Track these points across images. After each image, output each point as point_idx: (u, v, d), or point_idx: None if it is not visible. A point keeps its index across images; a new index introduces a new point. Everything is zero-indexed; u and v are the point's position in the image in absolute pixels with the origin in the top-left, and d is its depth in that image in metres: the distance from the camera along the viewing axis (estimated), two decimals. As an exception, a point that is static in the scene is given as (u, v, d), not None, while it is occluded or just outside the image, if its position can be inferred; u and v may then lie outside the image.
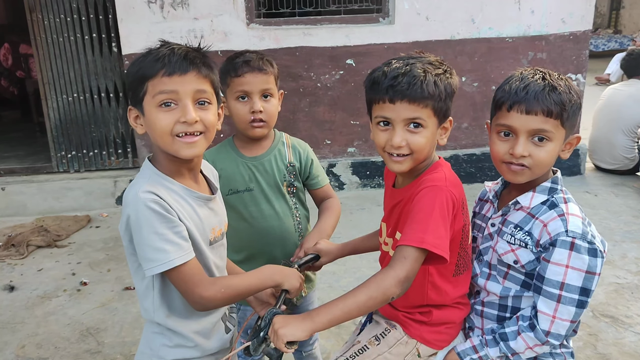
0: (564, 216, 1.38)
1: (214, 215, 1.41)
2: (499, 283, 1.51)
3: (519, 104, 1.37)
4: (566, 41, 5.02)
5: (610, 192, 4.80)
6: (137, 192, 1.22)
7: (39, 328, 2.98)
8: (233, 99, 1.73)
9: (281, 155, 1.86)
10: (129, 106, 1.32)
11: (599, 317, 2.89)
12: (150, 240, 1.21)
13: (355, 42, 4.77)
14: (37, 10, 4.54)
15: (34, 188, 4.71)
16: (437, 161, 1.45)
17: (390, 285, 1.22)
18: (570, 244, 1.34)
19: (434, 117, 1.35)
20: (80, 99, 4.79)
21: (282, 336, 1.19)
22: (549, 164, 1.42)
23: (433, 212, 1.28)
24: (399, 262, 1.25)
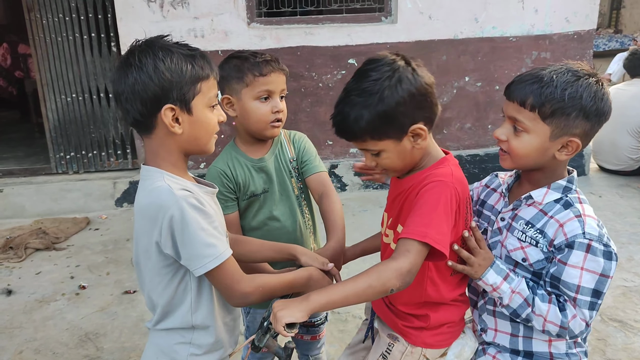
0: (582, 217, 1.35)
1: (220, 213, 1.43)
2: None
3: (507, 89, 1.41)
4: (570, 40, 4.97)
5: (615, 193, 4.75)
6: (172, 191, 1.20)
7: (37, 333, 2.93)
8: (253, 99, 1.68)
9: (284, 153, 1.84)
10: (166, 106, 1.27)
11: (608, 322, 2.84)
12: (200, 237, 1.20)
13: (357, 41, 4.71)
14: (35, 9, 4.48)
15: (32, 190, 4.65)
16: (445, 157, 1.41)
17: (391, 277, 1.21)
18: (587, 246, 1.31)
19: (382, 141, 1.33)
20: (79, 99, 4.74)
21: (280, 318, 1.18)
22: (524, 156, 1.39)
23: (437, 207, 1.27)
24: (401, 255, 1.23)
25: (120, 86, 1.23)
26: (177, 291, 1.30)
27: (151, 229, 1.21)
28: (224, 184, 1.72)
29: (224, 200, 1.73)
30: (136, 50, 1.23)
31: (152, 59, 1.20)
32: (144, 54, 1.21)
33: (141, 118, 1.24)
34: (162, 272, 1.28)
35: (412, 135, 1.33)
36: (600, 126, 1.39)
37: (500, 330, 1.51)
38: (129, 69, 1.21)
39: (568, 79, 1.33)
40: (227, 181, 1.73)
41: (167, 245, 1.22)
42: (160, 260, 1.25)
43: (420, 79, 1.31)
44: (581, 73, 1.36)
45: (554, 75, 1.34)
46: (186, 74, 1.23)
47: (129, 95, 1.22)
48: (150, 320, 1.38)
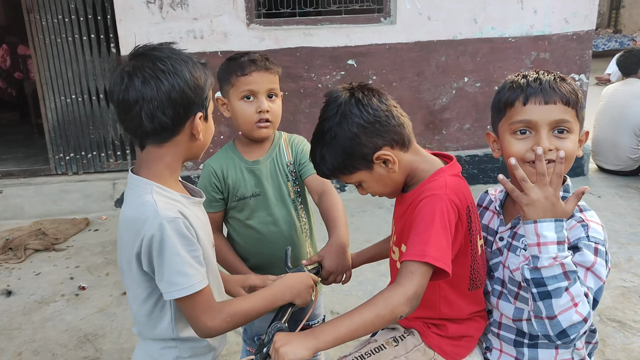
0: (585, 222, 1.30)
1: (206, 219, 1.40)
2: (511, 303, 1.43)
3: (535, 95, 1.30)
4: (569, 41, 4.97)
5: (615, 194, 4.75)
6: (157, 210, 1.18)
7: (36, 334, 2.93)
8: (238, 99, 1.69)
9: (281, 156, 1.82)
10: (200, 113, 1.31)
11: (607, 322, 2.84)
12: (174, 263, 1.18)
13: (356, 42, 4.72)
14: (34, 10, 4.48)
15: (31, 191, 4.65)
16: (441, 168, 1.37)
17: (398, 303, 1.17)
18: (594, 249, 1.25)
19: (355, 174, 1.36)
20: (79, 100, 4.74)
21: (282, 355, 1.13)
22: (574, 157, 1.32)
23: (433, 223, 1.23)
24: (406, 278, 1.19)
25: (147, 92, 1.18)
26: (156, 306, 1.29)
27: (134, 241, 1.21)
28: (212, 183, 1.73)
29: (209, 199, 1.73)
30: (162, 56, 1.20)
31: (185, 66, 1.21)
32: (175, 61, 1.20)
33: (171, 125, 1.21)
34: (142, 285, 1.26)
35: (381, 161, 1.33)
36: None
37: (505, 352, 1.47)
38: (162, 75, 1.18)
39: (557, 75, 1.36)
40: (216, 180, 1.73)
41: (145, 262, 1.22)
42: (139, 273, 1.25)
43: (366, 108, 1.30)
44: (546, 71, 1.38)
45: (556, 74, 1.35)
46: (206, 81, 1.26)
47: (163, 101, 1.18)
48: (136, 327, 1.38)
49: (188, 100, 1.21)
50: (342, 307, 2.99)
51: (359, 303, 1.19)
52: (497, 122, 1.41)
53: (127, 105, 1.20)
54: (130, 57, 1.24)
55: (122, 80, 1.19)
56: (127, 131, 1.27)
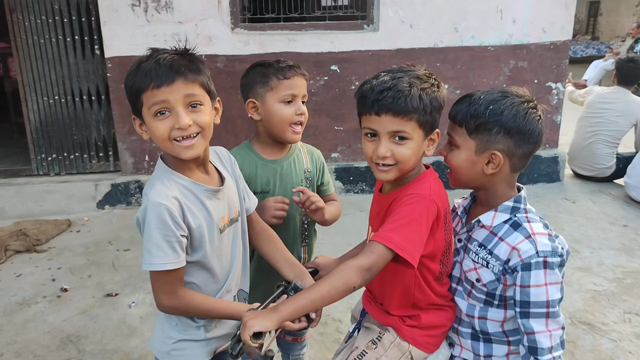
0: (532, 237, 1.41)
1: (223, 204, 1.51)
2: (464, 299, 1.56)
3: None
4: (547, 50, 5.11)
5: (588, 199, 4.90)
6: (150, 193, 1.35)
7: (17, 336, 2.94)
8: (277, 102, 1.74)
9: (299, 161, 1.90)
10: (132, 116, 1.43)
11: (577, 325, 2.95)
12: (145, 240, 1.35)
13: (340, 48, 4.79)
14: (17, 11, 4.47)
15: (12, 191, 4.63)
16: (425, 172, 1.49)
17: (352, 274, 1.28)
18: (543, 262, 1.38)
19: (419, 129, 1.39)
20: (62, 101, 4.73)
21: (249, 327, 1.22)
22: (456, 169, 1.50)
23: (411, 217, 1.34)
24: (364, 254, 1.31)
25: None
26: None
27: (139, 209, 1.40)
28: None
29: None
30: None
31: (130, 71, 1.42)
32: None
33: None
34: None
35: (430, 138, 1.44)
36: (528, 145, 1.45)
37: (465, 347, 1.59)
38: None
39: (494, 97, 1.45)
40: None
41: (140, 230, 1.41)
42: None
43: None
44: (510, 94, 1.46)
45: (482, 95, 1.47)
46: (131, 89, 1.38)
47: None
48: None
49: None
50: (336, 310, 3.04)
51: (339, 305, 1.30)
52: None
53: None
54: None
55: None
56: None
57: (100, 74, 4.71)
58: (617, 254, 3.82)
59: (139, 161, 4.80)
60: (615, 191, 5.05)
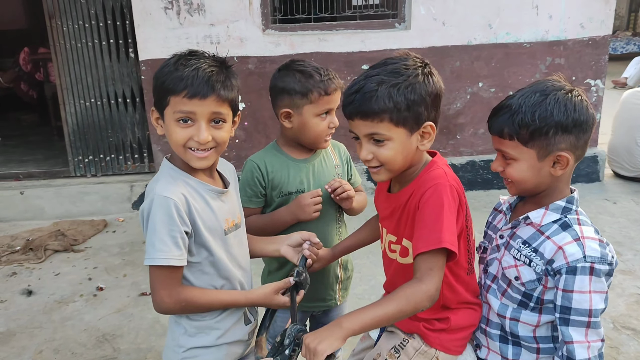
0: (580, 240, 1.34)
1: (227, 207, 1.50)
2: (497, 298, 1.50)
3: (488, 123, 1.49)
4: (585, 46, 4.95)
5: (630, 200, 4.72)
6: (156, 187, 1.36)
7: (56, 333, 3.01)
8: (314, 116, 1.73)
9: (328, 158, 1.89)
10: (152, 107, 1.42)
11: (620, 330, 2.83)
12: (149, 233, 1.34)
13: (370, 47, 4.75)
14: (56, 16, 4.59)
15: (51, 192, 4.76)
16: (432, 159, 1.45)
17: (422, 299, 1.25)
18: (590, 269, 1.31)
19: (397, 128, 1.33)
20: (98, 104, 4.84)
21: (321, 352, 1.18)
22: (521, 181, 1.42)
23: (443, 210, 1.30)
24: (426, 275, 1.26)
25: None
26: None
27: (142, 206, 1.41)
28: (254, 178, 1.77)
29: (251, 194, 1.79)
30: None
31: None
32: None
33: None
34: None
35: (421, 133, 1.37)
36: (587, 133, 1.39)
37: (492, 350, 1.53)
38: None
39: (535, 100, 1.36)
40: (259, 175, 1.77)
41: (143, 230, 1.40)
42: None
43: (440, 82, 1.38)
44: (549, 90, 1.37)
45: (522, 101, 1.37)
46: (161, 85, 1.37)
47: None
48: None
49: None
50: (354, 310, 3.01)
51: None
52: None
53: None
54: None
55: None
56: None
57: (134, 77, 4.80)
58: (661, 256, 3.66)
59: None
60: (659, 191, 4.86)
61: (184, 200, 1.36)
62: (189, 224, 1.37)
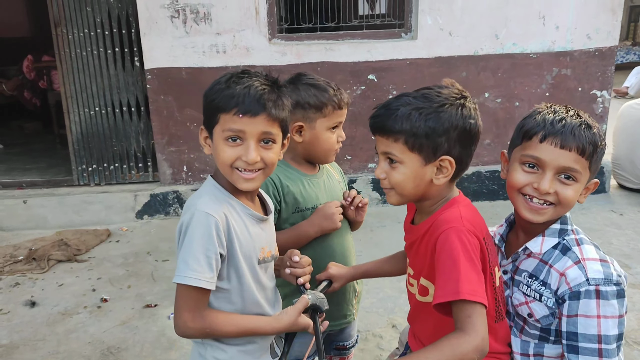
0: (581, 263, 1.29)
1: (265, 236, 1.46)
2: (517, 337, 1.43)
3: (554, 136, 1.30)
4: (591, 57, 4.94)
5: (637, 212, 4.69)
6: (198, 203, 1.32)
7: (60, 346, 2.96)
8: (326, 129, 1.73)
9: (330, 175, 1.90)
10: (201, 126, 1.39)
11: (632, 345, 2.80)
12: (184, 249, 1.29)
13: (377, 57, 4.74)
14: (61, 24, 4.57)
15: (54, 201, 4.72)
16: (455, 197, 1.37)
17: (467, 352, 1.14)
18: (595, 292, 1.25)
19: (410, 152, 1.29)
20: (102, 112, 4.81)
21: None
22: (572, 205, 1.34)
23: (459, 257, 1.21)
24: (468, 324, 1.16)
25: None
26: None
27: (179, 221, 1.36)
28: (269, 193, 1.73)
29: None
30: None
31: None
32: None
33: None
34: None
35: (438, 165, 1.30)
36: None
37: None
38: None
39: (593, 122, 1.35)
40: (274, 190, 1.74)
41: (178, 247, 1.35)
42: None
43: (478, 122, 1.32)
44: (578, 112, 1.36)
45: (586, 119, 1.35)
46: (212, 103, 1.34)
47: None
48: None
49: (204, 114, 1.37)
50: (362, 324, 2.98)
51: (379, 320, 1.20)
52: (513, 147, 1.43)
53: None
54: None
55: None
56: None
57: (139, 86, 4.78)
58: (672, 269, 3.63)
59: (177, 172, 4.84)
60: (666, 203, 4.82)
61: (225, 220, 1.32)
62: (226, 246, 1.33)
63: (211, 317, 1.34)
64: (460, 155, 1.31)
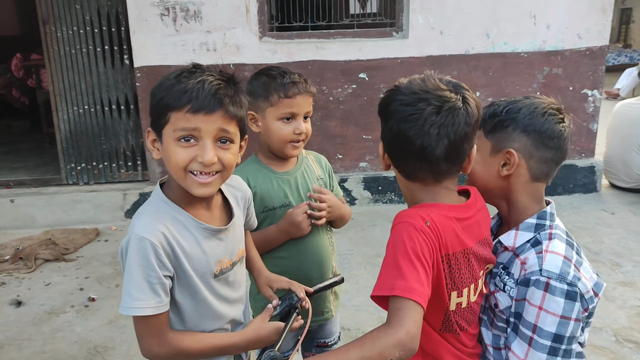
0: (542, 253, 1.27)
1: (224, 246, 1.35)
2: (489, 329, 1.40)
3: None
4: (582, 56, 4.95)
5: (628, 211, 4.70)
6: (136, 225, 1.21)
7: (45, 345, 2.92)
8: (276, 119, 1.69)
9: (310, 170, 1.84)
10: (148, 128, 1.25)
11: (623, 343, 2.79)
12: (125, 279, 1.21)
13: (368, 56, 4.73)
14: (50, 22, 4.53)
15: (42, 200, 4.67)
16: (438, 203, 1.26)
17: (387, 346, 1.06)
18: (545, 284, 1.22)
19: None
20: (91, 111, 4.77)
21: None
22: (471, 171, 1.35)
23: (403, 253, 1.14)
24: (395, 318, 1.09)
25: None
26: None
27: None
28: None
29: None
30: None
31: (158, 84, 1.26)
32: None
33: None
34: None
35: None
36: (549, 150, 1.33)
37: None
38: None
39: (516, 99, 1.37)
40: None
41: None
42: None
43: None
44: (534, 99, 1.37)
45: (506, 99, 1.39)
46: (160, 101, 1.21)
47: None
48: None
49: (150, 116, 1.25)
50: (352, 322, 2.96)
51: (369, 318, 1.16)
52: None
53: None
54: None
55: None
56: None
57: (129, 84, 4.74)
58: (661, 268, 3.63)
59: (166, 171, 4.79)
60: (657, 202, 4.84)
61: (166, 241, 1.21)
62: (171, 267, 1.22)
63: (177, 340, 1.26)
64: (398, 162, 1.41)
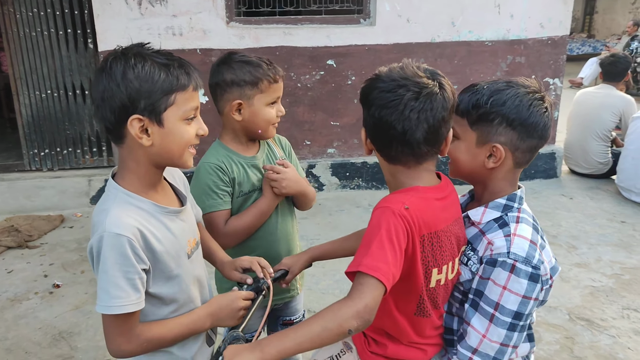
0: (510, 237, 1.32)
1: (188, 226, 1.38)
2: (452, 316, 1.45)
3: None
4: (544, 46, 5.08)
5: (586, 195, 4.88)
6: (105, 221, 1.18)
7: (8, 332, 2.89)
8: (265, 104, 1.73)
9: (272, 151, 1.89)
10: (134, 116, 1.18)
11: (575, 320, 2.92)
12: (101, 278, 1.19)
13: (336, 42, 4.75)
14: (8, 3, 4.40)
15: (4, 186, 4.57)
16: (416, 186, 1.30)
17: (347, 317, 1.11)
18: (511, 266, 1.27)
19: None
20: (54, 95, 4.67)
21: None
22: (455, 160, 1.43)
23: (378, 234, 1.18)
24: (356, 292, 1.14)
25: (94, 93, 1.22)
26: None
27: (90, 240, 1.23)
28: (221, 178, 1.72)
29: (222, 194, 1.72)
30: (110, 56, 1.20)
31: (122, 66, 1.17)
32: (115, 61, 1.18)
33: (111, 126, 1.22)
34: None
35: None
36: (533, 139, 1.36)
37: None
38: (100, 75, 1.19)
39: (498, 87, 1.36)
40: (223, 175, 1.73)
41: (93, 268, 1.24)
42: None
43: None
44: (515, 84, 1.37)
45: (486, 85, 1.37)
46: (157, 83, 1.18)
47: (100, 102, 1.20)
48: None
49: (121, 103, 1.17)
50: (318, 305, 3.01)
51: (334, 301, 1.20)
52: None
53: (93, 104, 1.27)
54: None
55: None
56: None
57: (93, 68, 4.65)
58: (615, 250, 3.80)
59: (132, 156, 4.74)
60: (613, 187, 5.02)
61: (139, 234, 1.20)
62: (147, 259, 1.22)
63: (144, 331, 1.26)
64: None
